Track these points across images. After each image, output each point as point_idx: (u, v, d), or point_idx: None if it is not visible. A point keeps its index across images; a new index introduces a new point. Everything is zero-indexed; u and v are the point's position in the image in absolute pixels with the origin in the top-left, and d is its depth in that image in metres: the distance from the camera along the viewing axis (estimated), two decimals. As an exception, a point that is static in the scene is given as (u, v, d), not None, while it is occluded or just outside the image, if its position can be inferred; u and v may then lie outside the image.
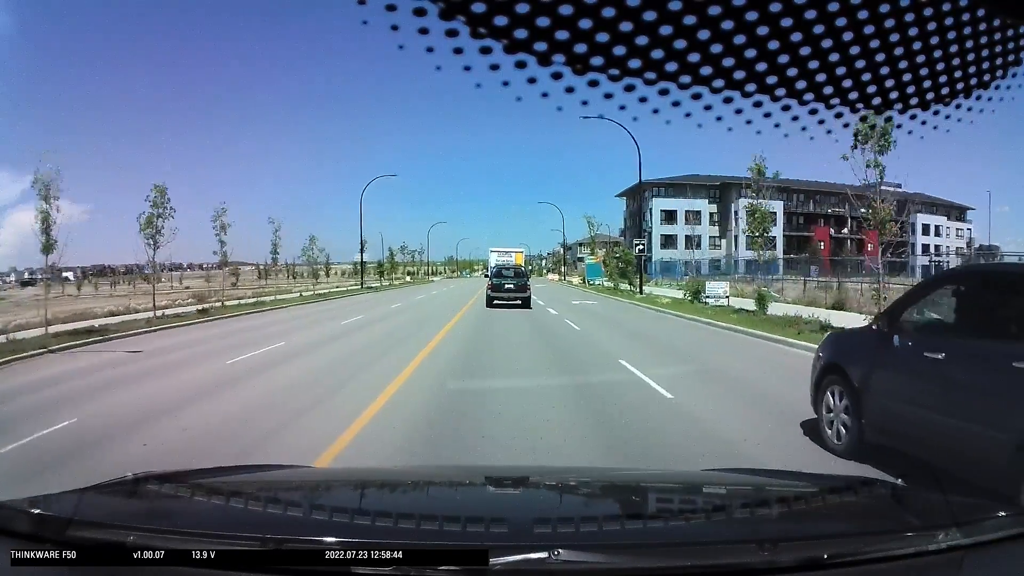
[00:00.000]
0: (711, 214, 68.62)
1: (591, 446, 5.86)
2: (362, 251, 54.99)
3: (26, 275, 67.94)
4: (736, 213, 64.09)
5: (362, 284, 51.98)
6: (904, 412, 4.72)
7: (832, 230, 70.32)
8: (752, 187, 19.75)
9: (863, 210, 13.25)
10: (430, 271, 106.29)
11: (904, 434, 4.75)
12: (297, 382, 9.31)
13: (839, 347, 5.92)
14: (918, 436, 4.58)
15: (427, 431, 6.39)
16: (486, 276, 35.41)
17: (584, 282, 53.99)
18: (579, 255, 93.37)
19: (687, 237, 64.65)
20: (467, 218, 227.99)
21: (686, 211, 65.40)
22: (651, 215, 67.58)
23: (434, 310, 25.41)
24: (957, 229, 74.73)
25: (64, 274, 73.89)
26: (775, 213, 65.21)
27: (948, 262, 38.54)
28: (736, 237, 62.50)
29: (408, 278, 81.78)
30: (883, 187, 12.77)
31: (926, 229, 71.75)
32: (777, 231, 65.37)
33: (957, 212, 76.11)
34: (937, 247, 68.84)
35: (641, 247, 33.39)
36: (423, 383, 9.00)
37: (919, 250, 68.27)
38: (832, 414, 5.57)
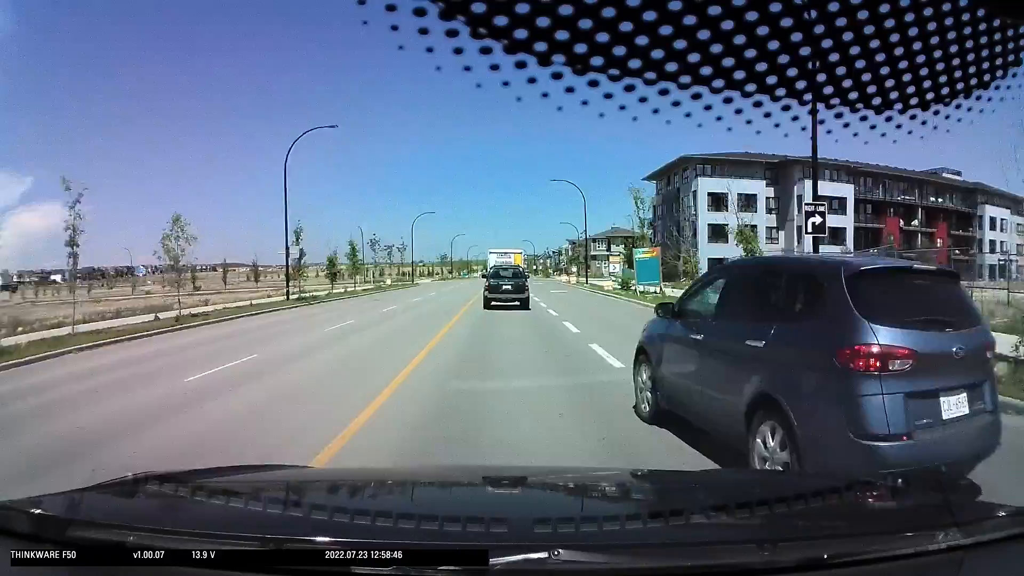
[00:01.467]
0: (767, 199, 61.68)
1: None
2: (288, 246, 38.53)
3: (14, 278, 70.52)
4: (799, 198, 60.97)
5: (288, 294, 37.48)
6: (677, 384, 6.48)
7: (901, 221, 67.39)
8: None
9: None
10: (414, 271, 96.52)
11: (678, 402, 6.48)
12: None
13: (647, 332, 7.66)
14: (686, 404, 6.29)
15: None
16: (484, 277, 34.78)
17: (626, 288, 38.82)
18: (592, 253, 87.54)
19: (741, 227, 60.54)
20: (467, 220, 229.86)
21: (739, 195, 61.09)
22: (694, 199, 60.25)
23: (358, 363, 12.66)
24: (1018, 224, 70.68)
25: (52, 277, 76.27)
26: (844, 198, 63.18)
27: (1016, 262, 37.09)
28: (799, 228, 60.01)
29: (388, 280, 74.49)
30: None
31: (993, 223, 68.73)
32: (847, 221, 63.38)
33: (1018, 205, 70.36)
34: (1002, 243, 65.52)
35: (819, 221, 16.34)
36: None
37: (986, 247, 64.51)
38: (642, 388, 7.37)
